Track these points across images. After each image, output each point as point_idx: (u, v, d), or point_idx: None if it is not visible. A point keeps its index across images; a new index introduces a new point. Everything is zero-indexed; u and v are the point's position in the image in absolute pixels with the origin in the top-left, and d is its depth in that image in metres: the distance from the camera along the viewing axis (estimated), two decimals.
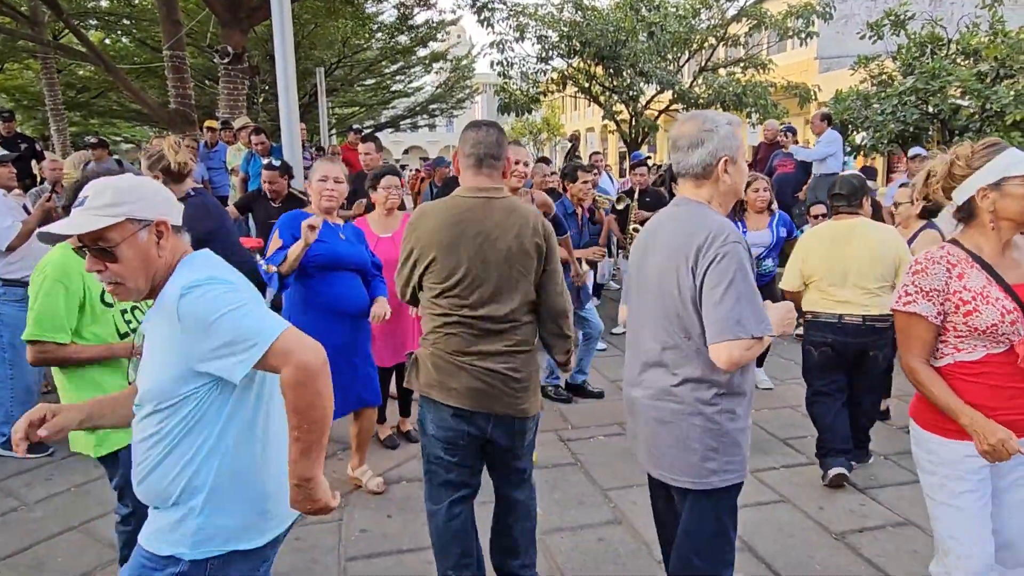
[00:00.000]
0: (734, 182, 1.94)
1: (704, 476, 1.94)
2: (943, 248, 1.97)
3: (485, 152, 2.25)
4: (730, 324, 1.77)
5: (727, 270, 1.78)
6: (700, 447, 1.92)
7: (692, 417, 1.92)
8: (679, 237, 1.89)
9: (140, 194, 1.48)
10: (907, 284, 1.96)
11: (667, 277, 1.91)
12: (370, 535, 3.09)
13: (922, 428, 2.02)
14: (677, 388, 1.93)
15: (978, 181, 1.87)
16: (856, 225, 3.56)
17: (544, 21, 13.74)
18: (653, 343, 1.98)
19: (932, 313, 1.92)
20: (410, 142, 46.65)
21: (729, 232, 1.83)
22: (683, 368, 1.92)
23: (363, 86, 22.29)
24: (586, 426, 4.38)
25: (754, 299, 1.81)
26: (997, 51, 8.58)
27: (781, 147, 8.28)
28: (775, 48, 16.16)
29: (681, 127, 1.97)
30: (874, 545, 2.99)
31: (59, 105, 14.23)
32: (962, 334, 1.91)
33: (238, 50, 9.58)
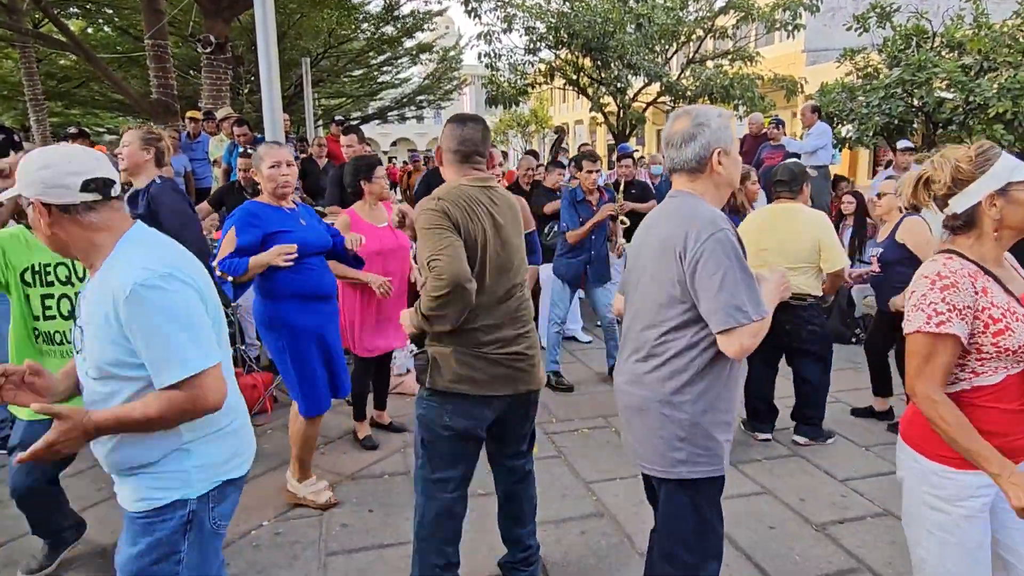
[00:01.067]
0: (728, 173, 1.95)
1: (672, 465, 1.95)
2: (952, 259, 1.75)
3: (472, 149, 2.31)
4: (732, 311, 1.77)
5: (721, 259, 1.79)
6: (668, 436, 1.94)
7: (661, 406, 1.93)
8: (671, 229, 1.91)
9: (23, 173, 1.51)
10: (935, 302, 1.70)
11: (659, 269, 1.92)
12: (351, 530, 3.07)
13: (928, 459, 1.78)
14: (648, 375, 1.95)
15: (984, 187, 1.72)
16: (780, 209, 3.81)
17: (532, 12, 13.66)
18: (639, 331, 2.00)
19: (965, 333, 1.69)
20: (398, 134, 46.33)
21: (719, 221, 1.84)
22: (658, 356, 1.93)
23: (350, 77, 22.06)
24: (569, 419, 4.38)
25: (751, 283, 1.82)
26: (981, 44, 8.63)
27: (768, 140, 8.29)
28: (762, 40, 16.20)
29: (673, 124, 1.98)
30: (854, 536, 3.01)
31: (39, 95, 13.97)
32: (986, 356, 1.71)
33: (221, 39, 9.45)
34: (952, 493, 1.75)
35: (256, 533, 3.03)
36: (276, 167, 3.01)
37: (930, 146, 8.61)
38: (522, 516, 2.60)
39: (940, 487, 1.77)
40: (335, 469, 3.57)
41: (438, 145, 2.39)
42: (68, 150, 1.56)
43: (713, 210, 1.90)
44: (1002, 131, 7.89)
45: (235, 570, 2.75)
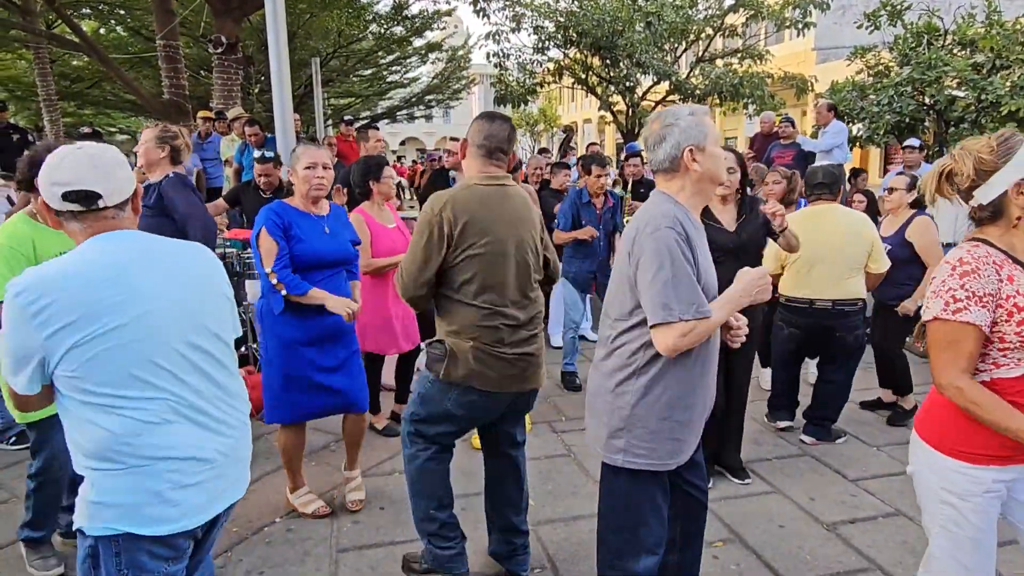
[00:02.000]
0: (707, 169, 1.96)
1: (611, 451, 2.04)
2: (978, 246, 1.73)
3: (496, 145, 2.37)
4: (658, 308, 1.84)
5: (655, 256, 1.85)
6: (609, 420, 2.04)
7: (606, 394, 2.05)
8: (631, 228, 2.01)
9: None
10: (954, 288, 1.67)
11: (619, 268, 2.03)
12: (362, 527, 3.09)
13: (944, 454, 1.77)
14: (602, 363, 2.07)
15: (1009, 176, 1.68)
16: (827, 211, 3.73)
17: (540, 11, 13.67)
18: (606, 326, 2.11)
19: (986, 321, 1.65)
20: (407, 133, 46.48)
21: (662, 219, 1.88)
22: (611, 349, 2.04)
23: (359, 77, 22.14)
24: (579, 417, 4.38)
25: (683, 283, 1.83)
26: (993, 42, 8.56)
27: (779, 138, 8.25)
28: (772, 39, 16.15)
29: (648, 127, 2.05)
30: (864, 536, 3.00)
31: (52, 95, 14.10)
32: (1009, 346, 1.67)
33: (232, 40, 9.52)
34: (965, 488, 1.74)
35: (269, 530, 3.06)
36: (312, 168, 2.93)
37: (941, 145, 8.55)
38: (517, 502, 2.66)
39: (954, 483, 1.76)
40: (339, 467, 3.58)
41: (464, 138, 2.47)
42: (59, 158, 1.52)
43: (669, 207, 1.92)
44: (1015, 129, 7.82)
45: (248, 566, 2.78)
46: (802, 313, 3.72)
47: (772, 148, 8.25)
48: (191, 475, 1.52)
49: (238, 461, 1.67)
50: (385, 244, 3.69)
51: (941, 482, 1.79)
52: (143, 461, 1.47)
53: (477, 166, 2.40)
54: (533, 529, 2.81)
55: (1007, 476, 1.73)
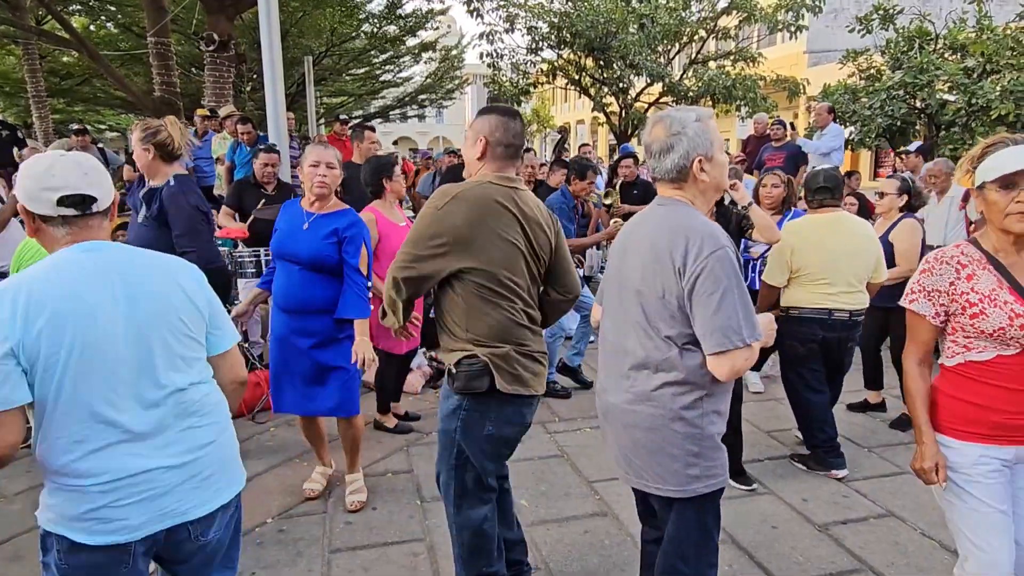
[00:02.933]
0: (713, 178, 1.89)
1: (687, 483, 1.89)
2: (958, 247, 1.92)
3: (521, 145, 2.27)
4: (728, 333, 1.73)
5: (721, 277, 1.73)
6: (681, 453, 1.87)
7: (673, 423, 1.86)
8: (663, 237, 1.83)
9: (19, 176, 1.53)
10: (913, 282, 1.96)
11: (651, 278, 1.85)
12: (355, 527, 3.08)
13: (937, 431, 1.96)
14: (656, 392, 1.86)
15: (977, 180, 1.84)
16: (840, 219, 3.57)
17: (534, 12, 13.65)
18: (633, 346, 1.91)
19: (930, 313, 1.91)
20: (399, 132, 46.32)
21: (719, 236, 1.79)
22: (664, 372, 1.86)
23: (352, 75, 22.06)
24: (572, 418, 4.39)
25: (748, 305, 1.77)
26: (984, 47, 8.64)
27: (771, 140, 8.29)
28: (765, 41, 16.16)
29: (651, 132, 1.92)
30: (857, 536, 3.01)
31: (41, 92, 14.00)
32: (969, 335, 1.87)
33: (224, 38, 9.47)
34: (955, 462, 1.92)
35: (260, 530, 3.04)
36: (316, 166, 3.01)
37: (932, 148, 8.62)
38: (511, 518, 2.57)
39: (946, 456, 1.93)
40: (339, 467, 3.56)
41: (480, 136, 2.23)
42: (47, 165, 1.51)
43: (712, 224, 1.83)
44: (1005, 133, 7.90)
45: (239, 567, 2.75)
46: (822, 325, 3.50)
47: (764, 150, 8.29)
48: (129, 495, 1.51)
49: (199, 480, 1.62)
50: (395, 242, 3.68)
51: None
52: (77, 481, 1.48)
53: (496, 167, 2.23)
54: (526, 530, 2.80)
55: (998, 455, 1.87)
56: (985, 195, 1.80)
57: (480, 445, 2.24)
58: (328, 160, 3.02)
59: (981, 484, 1.87)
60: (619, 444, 2.00)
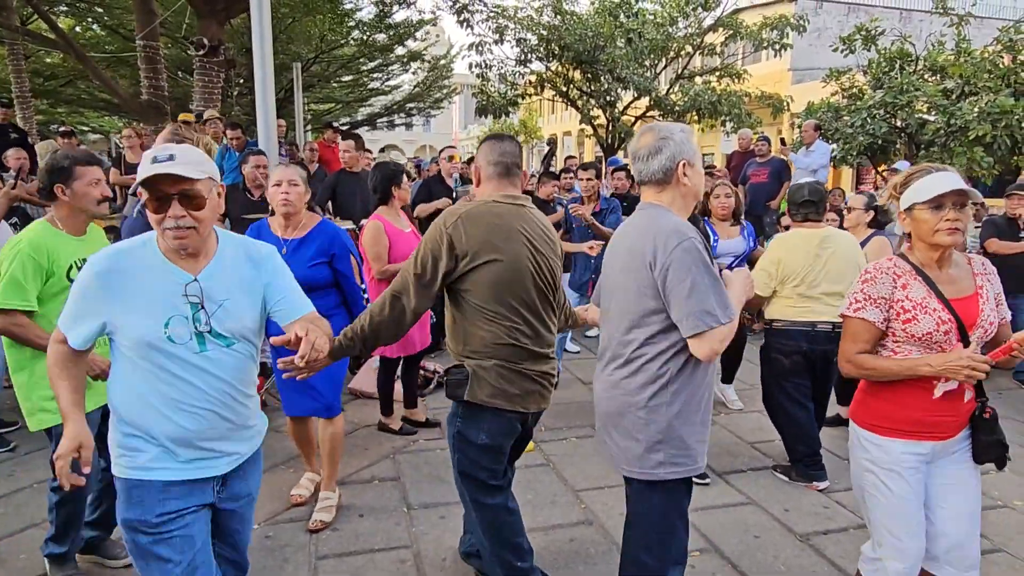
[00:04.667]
0: (693, 184, 2.06)
1: (650, 467, 2.04)
2: (891, 260, 2.12)
3: (512, 161, 2.36)
4: (702, 315, 1.87)
5: (688, 265, 1.89)
6: (644, 438, 2.03)
7: (637, 410, 2.03)
8: (640, 239, 2.01)
9: (211, 163, 1.76)
10: (856, 292, 2.11)
11: (628, 279, 2.03)
12: (341, 534, 3.08)
13: (859, 427, 2.16)
14: (625, 380, 2.05)
15: (901, 206, 2.06)
16: (829, 235, 3.63)
17: (524, 24, 13.79)
18: (614, 339, 2.10)
19: (879, 319, 2.07)
20: (387, 140, 46.37)
21: (684, 229, 1.95)
22: (635, 363, 2.03)
23: (340, 83, 22.07)
24: (558, 427, 4.42)
25: (717, 287, 1.92)
26: (962, 69, 8.86)
27: (755, 156, 8.42)
28: (750, 58, 16.44)
29: (639, 139, 2.09)
30: (837, 546, 3.07)
31: (26, 92, 13.81)
32: (899, 339, 2.06)
33: (214, 42, 9.45)
34: (878, 457, 2.09)
35: None
36: (278, 185, 3.06)
37: None
38: None
39: (869, 452, 2.12)
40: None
41: (475, 164, 2.42)
42: None
43: (678, 220, 2.01)
44: (982, 154, 8.10)
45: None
46: (804, 338, 3.55)
47: (749, 165, 8.41)
48: None
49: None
50: (402, 248, 3.81)
51: (862, 452, 2.15)
52: None
53: (494, 186, 2.35)
54: None
55: (918, 450, 2.05)
56: (914, 215, 2.01)
57: (473, 452, 2.33)
58: (290, 178, 3.06)
59: (901, 479, 2.05)
60: (602, 426, 2.19)
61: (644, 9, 14.28)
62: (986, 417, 2.06)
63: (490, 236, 2.21)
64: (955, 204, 1.96)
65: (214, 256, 1.79)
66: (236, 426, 1.84)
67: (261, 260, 1.86)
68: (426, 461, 3.87)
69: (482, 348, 2.27)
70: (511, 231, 2.24)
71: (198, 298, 1.72)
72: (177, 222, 1.66)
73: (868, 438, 2.13)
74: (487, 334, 2.25)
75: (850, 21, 16.64)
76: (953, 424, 2.06)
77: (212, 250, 1.79)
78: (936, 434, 2.06)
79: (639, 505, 2.13)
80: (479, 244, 2.20)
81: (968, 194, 1.96)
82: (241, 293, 1.80)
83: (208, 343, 1.74)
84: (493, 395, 2.27)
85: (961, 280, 2.07)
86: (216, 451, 1.81)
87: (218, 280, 1.77)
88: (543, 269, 2.32)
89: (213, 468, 1.82)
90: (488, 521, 2.42)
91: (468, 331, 2.28)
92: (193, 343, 1.72)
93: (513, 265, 2.23)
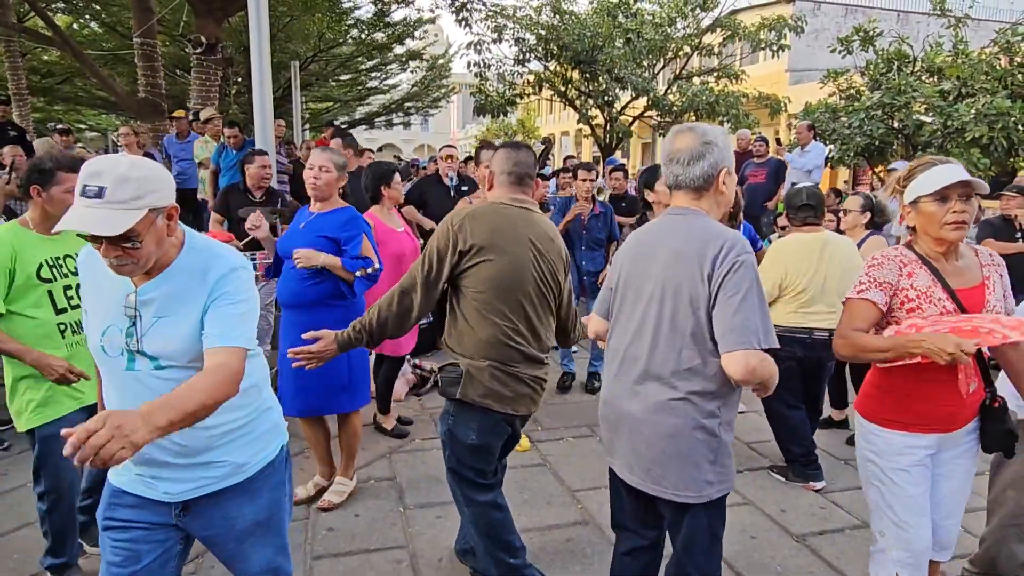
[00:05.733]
0: (730, 193, 1.98)
1: (703, 489, 1.92)
2: (897, 249, 2.14)
3: (525, 171, 2.42)
4: (748, 333, 1.75)
5: (744, 279, 1.77)
6: (701, 460, 1.89)
7: (694, 431, 1.88)
8: (690, 244, 1.86)
9: (157, 183, 1.53)
10: (862, 276, 2.11)
11: (676, 285, 1.87)
12: (337, 534, 3.07)
13: (866, 419, 2.17)
14: (679, 402, 1.88)
15: (905, 199, 2.06)
16: (828, 240, 3.63)
17: (522, 23, 13.78)
18: (655, 355, 1.91)
19: (882, 301, 2.06)
20: (384, 139, 46.33)
21: (744, 243, 1.84)
22: (688, 381, 1.87)
23: (338, 82, 22.05)
24: (555, 427, 4.41)
25: (766, 313, 1.81)
26: (959, 70, 8.88)
27: (753, 156, 8.43)
28: (747, 59, 16.43)
29: (678, 141, 1.95)
30: (833, 547, 3.07)
31: (22, 90, 13.76)
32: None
33: (212, 40, 9.43)
34: (882, 449, 2.11)
35: None
36: (310, 168, 3.21)
37: None
38: None
39: (874, 444, 2.14)
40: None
41: (489, 169, 2.47)
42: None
43: (732, 230, 1.88)
44: (979, 155, 8.11)
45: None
46: (801, 345, 3.56)
47: (747, 166, 8.42)
48: None
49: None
50: (393, 248, 3.88)
51: (866, 444, 2.18)
52: None
53: (504, 192, 2.40)
54: None
55: (921, 443, 2.07)
56: (920, 208, 2.01)
57: (463, 451, 2.37)
58: (322, 163, 3.20)
59: (905, 471, 2.07)
60: (634, 451, 1.98)
61: (643, 9, 14.28)
62: (995, 406, 2.05)
63: (494, 235, 2.25)
64: (961, 196, 1.94)
65: (167, 268, 1.61)
66: (183, 454, 1.64)
67: (217, 279, 1.60)
68: (422, 461, 3.86)
69: (478, 348, 2.29)
70: (516, 232, 2.29)
71: (133, 311, 1.58)
72: (110, 260, 1.51)
73: (873, 431, 2.14)
74: (484, 334, 2.28)
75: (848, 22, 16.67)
76: (961, 416, 2.06)
77: (167, 261, 1.61)
78: (943, 426, 2.05)
79: (696, 530, 1.99)
80: (483, 241, 2.24)
81: (974, 185, 1.94)
82: (183, 312, 1.59)
83: (138, 361, 1.59)
84: (484, 395, 2.30)
85: (968, 271, 2.07)
86: (157, 476, 1.66)
87: (161, 294, 1.60)
88: (545, 273, 2.34)
89: (154, 491, 1.67)
90: (478, 517, 2.46)
91: (465, 330, 2.31)
92: (122, 359, 1.60)
93: (514, 265, 2.26)
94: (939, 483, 2.15)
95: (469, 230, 2.25)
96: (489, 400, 2.30)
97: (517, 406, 2.36)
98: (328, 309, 3.14)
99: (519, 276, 2.27)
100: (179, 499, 1.69)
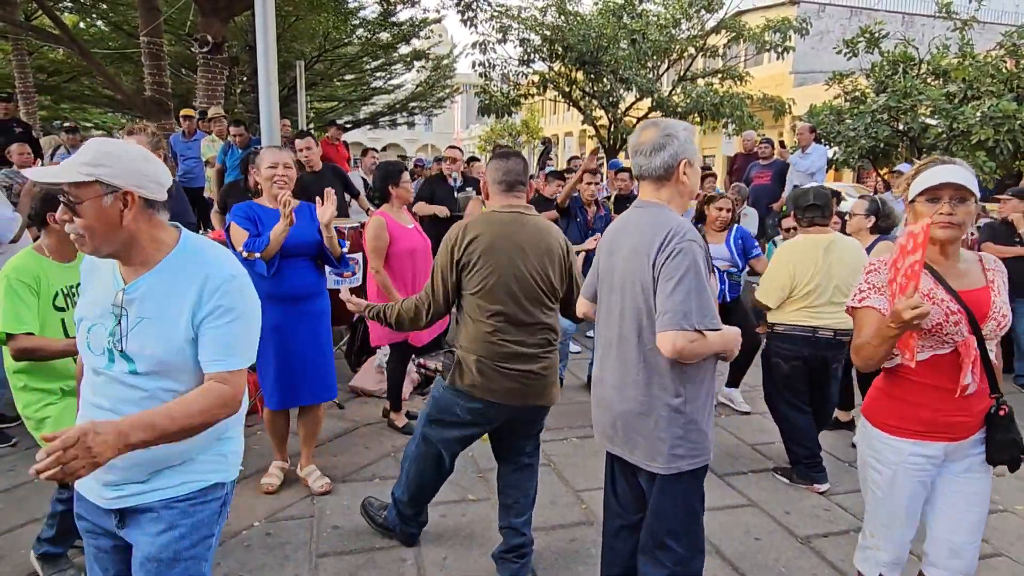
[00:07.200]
0: (691, 183, 2.09)
1: (673, 462, 2.06)
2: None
3: (515, 179, 2.60)
4: (677, 316, 1.89)
5: (680, 264, 1.91)
6: (668, 436, 2.04)
7: (660, 410, 2.04)
8: (643, 236, 2.02)
9: (114, 162, 1.49)
10: (860, 283, 2.10)
11: (632, 276, 2.04)
12: (342, 532, 3.08)
13: (872, 425, 2.16)
14: (643, 382, 2.06)
15: (908, 197, 2.06)
16: (835, 240, 3.63)
17: (527, 24, 13.78)
18: (621, 339, 2.10)
19: (884, 306, 2.03)
20: (388, 139, 46.36)
21: (687, 230, 1.97)
22: (649, 363, 2.04)
23: (343, 81, 22.04)
24: (559, 427, 4.41)
25: (703, 294, 1.92)
26: (965, 73, 8.86)
27: (758, 158, 8.42)
28: (752, 61, 16.42)
29: (642, 134, 2.10)
30: (838, 549, 3.07)
31: (29, 88, 13.82)
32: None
33: (218, 39, 9.45)
34: (886, 456, 2.08)
35: (247, 533, 3.04)
36: (274, 167, 3.22)
37: None
38: (516, 505, 2.77)
39: (878, 451, 2.11)
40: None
41: (483, 181, 2.70)
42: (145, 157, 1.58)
43: (682, 219, 2.03)
44: (984, 158, 8.10)
45: (225, 570, 2.76)
46: (805, 343, 3.57)
47: (752, 167, 8.42)
48: None
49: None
50: (404, 244, 3.98)
51: (870, 450, 2.14)
52: None
53: (498, 200, 2.61)
54: None
55: (927, 452, 2.02)
56: (915, 207, 2.01)
57: (448, 417, 2.64)
58: (285, 161, 3.26)
59: (904, 478, 2.06)
60: (612, 423, 2.18)
61: (647, 10, 14.27)
62: (1001, 415, 2.01)
63: (484, 245, 2.46)
64: (952, 198, 1.92)
65: (155, 267, 1.57)
66: (126, 467, 1.53)
67: (211, 290, 1.54)
68: None
69: (469, 342, 2.53)
70: (505, 238, 2.48)
71: (120, 309, 1.55)
72: (69, 227, 1.49)
73: (878, 436, 2.12)
74: (474, 330, 2.52)
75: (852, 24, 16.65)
76: (967, 425, 2.03)
77: (156, 260, 1.57)
78: (949, 435, 2.02)
79: (663, 498, 2.14)
80: (475, 247, 2.46)
81: (966, 188, 1.91)
82: (166, 315, 1.54)
83: (116, 363, 1.55)
84: (471, 386, 2.53)
85: (971, 274, 2.05)
86: (101, 479, 1.57)
87: (146, 290, 1.56)
88: (532, 272, 2.51)
89: (92, 493, 1.61)
90: (414, 467, 2.79)
91: (463, 325, 2.57)
92: (103, 357, 1.56)
93: (500, 271, 2.46)
94: (957, 503, 2.07)
95: (463, 246, 2.47)
96: (477, 391, 2.52)
97: (506, 398, 2.53)
98: (324, 296, 3.42)
99: (503, 280, 2.46)
100: (112, 506, 1.60)
